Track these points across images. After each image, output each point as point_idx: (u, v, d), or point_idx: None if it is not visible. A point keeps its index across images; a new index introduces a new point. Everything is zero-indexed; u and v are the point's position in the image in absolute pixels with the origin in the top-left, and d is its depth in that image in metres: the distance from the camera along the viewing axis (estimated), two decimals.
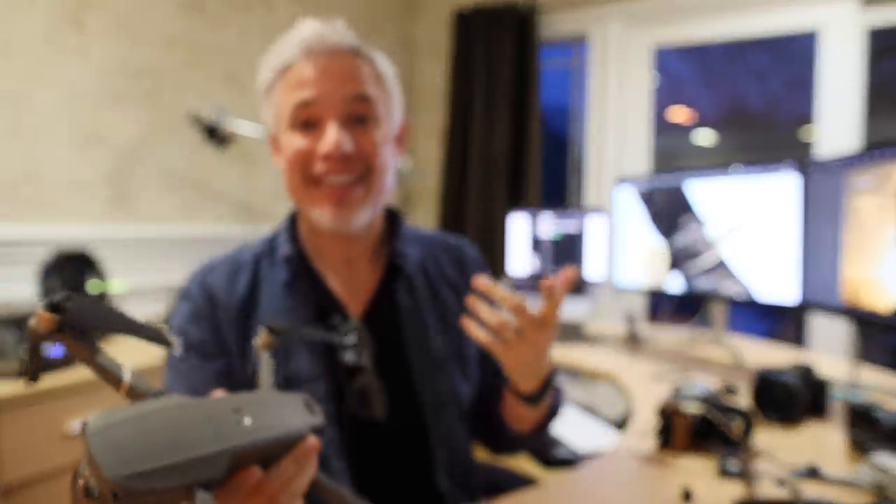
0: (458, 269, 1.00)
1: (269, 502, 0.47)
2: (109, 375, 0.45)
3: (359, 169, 0.82)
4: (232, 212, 2.51)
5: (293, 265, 0.87)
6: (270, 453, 0.47)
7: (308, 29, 0.84)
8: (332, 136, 0.79)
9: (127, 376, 0.45)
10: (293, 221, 0.93)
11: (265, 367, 0.58)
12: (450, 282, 0.97)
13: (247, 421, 0.45)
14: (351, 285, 0.90)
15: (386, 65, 0.88)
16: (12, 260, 1.78)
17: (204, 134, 2.14)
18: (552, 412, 0.94)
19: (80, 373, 1.44)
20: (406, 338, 0.89)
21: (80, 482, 0.38)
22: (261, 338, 0.58)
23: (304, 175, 0.82)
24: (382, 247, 0.94)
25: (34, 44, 1.83)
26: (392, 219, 0.96)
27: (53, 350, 1.42)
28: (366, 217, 0.85)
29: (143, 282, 2.06)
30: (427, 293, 0.93)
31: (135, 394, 0.45)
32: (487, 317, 0.75)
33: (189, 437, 0.40)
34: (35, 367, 0.42)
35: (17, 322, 1.42)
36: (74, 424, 1.39)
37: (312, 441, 0.49)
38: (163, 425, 0.39)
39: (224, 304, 0.86)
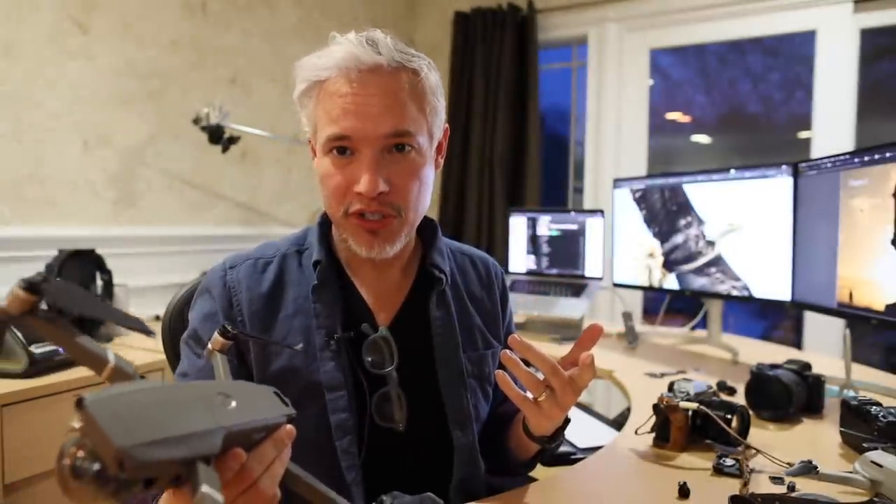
0: (485, 286, 0.99)
1: (251, 485, 0.49)
2: (92, 358, 0.44)
3: (393, 203, 0.80)
4: (235, 212, 2.53)
5: (323, 270, 0.86)
6: (254, 437, 0.49)
7: (344, 47, 0.77)
8: (366, 177, 0.76)
9: (111, 358, 0.45)
10: (325, 224, 0.91)
11: (221, 367, 0.59)
12: (476, 298, 0.97)
13: (233, 404, 0.46)
14: (381, 293, 0.89)
15: (430, 73, 0.83)
16: (18, 260, 1.79)
17: (208, 135, 2.15)
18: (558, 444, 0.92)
19: (83, 372, 1.45)
20: (436, 350, 0.88)
21: (66, 462, 0.36)
22: (214, 341, 0.59)
23: (340, 205, 0.80)
24: (415, 255, 0.93)
25: (39, 46, 1.85)
26: (427, 228, 0.94)
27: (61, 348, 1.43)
28: (399, 245, 0.83)
29: (147, 281, 2.08)
30: (457, 306, 0.92)
31: (119, 376, 0.45)
32: (523, 376, 0.75)
33: (186, 414, 0.40)
34: None
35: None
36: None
37: (290, 427, 0.51)
38: (160, 401, 0.39)
39: (246, 300, 0.85)
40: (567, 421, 0.84)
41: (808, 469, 0.82)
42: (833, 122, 2.61)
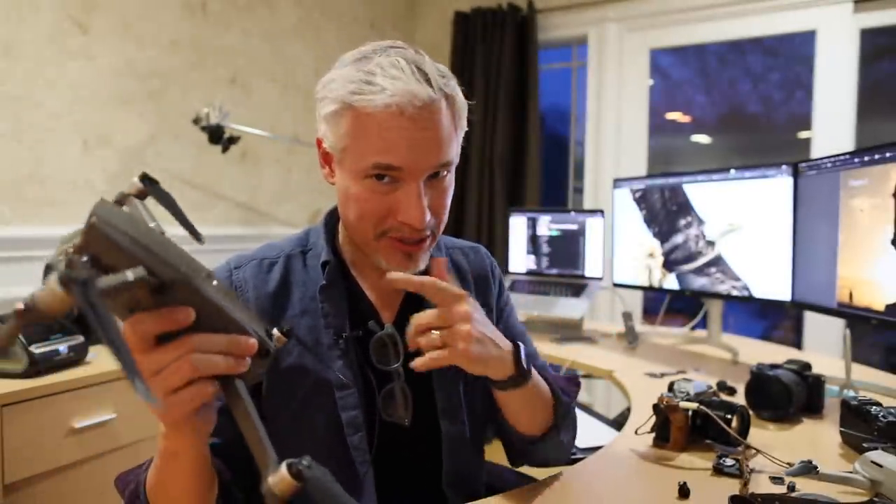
0: (478, 276, 1.00)
1: (184, 354, 0.49)
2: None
3: (431, 227, 0.81)
4: (235, 212, 2.53)
5: (331, 270, 0.87)
6: (213, 321, 0.49)
7: (401, 84, 0.74)
8: (416, 211, 0.77)
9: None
10: (330, 225, 0.92)
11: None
12: (471, 289, 0.98)
13: (214, 283, 0.48)
14: (384, 292, 0.91)
15: (459, 95, 0.83)
16: (18, 260, 1.79)
17: (208, 135, 2.15)
18: (558, 407, 0.90)
19: (84, 371, 1.45)
20: None
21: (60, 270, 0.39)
22: (278, 338, 0.59)
23: (376, 228, 0.80)
24: None
25: (39, 46, 1.85)
26: None
27: (61, 348, 1.44)
28: (426, 260, 0.84)
29: None
30: None
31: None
32: (422, 342, 0.74)
33: (167, 250, 0.45)
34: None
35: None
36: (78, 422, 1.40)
37: (252, 341, 0.50)
38: (155, 236, 0.45)
39: (253, 299, 0.86)
40: (519, 358, 0.80)
41: (808, 469, 0.82)
42: (833, 122, 2.61)
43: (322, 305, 0.86)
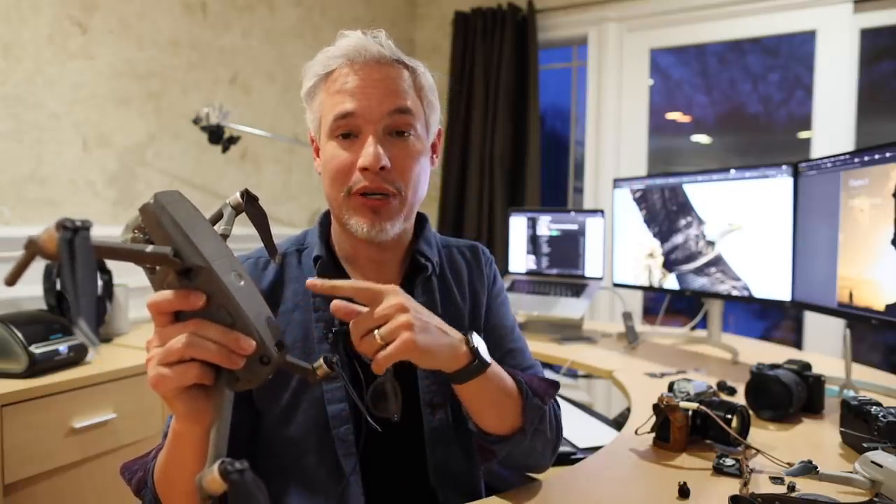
0: (474, 271, 1.01)
1: (178, 331, 0.52)
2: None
3: (395, 182, 0.84)
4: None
5: (323, 266, 0.89)
6: (224, 314, 0.51)
7: (351, 39, 0.85)
8: (370, 150, 0.81)
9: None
10: (325, 223, 0.95)
11: None
12: (465, 285, 0.98)
13: (241, 283, 0.52)
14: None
15: (427, 75, 0.90)
16: (17, 259, 1.79)
17: (208, 135, 2.15)
18: (527, 408, 0.83)
19: (84, 371, 1.45)
20: None
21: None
22: (319, 367, 0.60)
23: (343, 186, 0.84)
24: (410, 248, 0.96)
25: (39, 46, 1.85)
26: (417, 221, 0.97)
27: (61, 348, 1.44)
28: (399, 227, 0.86)
29: (147, 281, 2.08)
30: (442, 294, 0.94)
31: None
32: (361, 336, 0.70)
33: (204, 241, 0.50)
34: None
35: (23, 321, 1.43)
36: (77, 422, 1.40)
37: (250, 343, 0.51)
38: (201, 228, 0.51)
39: None
40: (472, 348, 0.74)
41: (808, 469, 0.82)
42: (833, 122, 2.61)
43: (313, 300, 0.87)
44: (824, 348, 2.50)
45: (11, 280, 0.44)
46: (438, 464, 0.89)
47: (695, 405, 0.99)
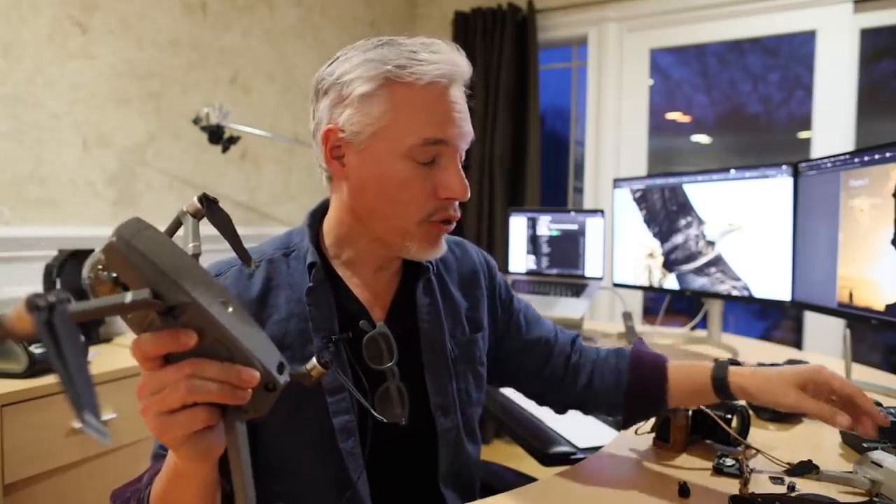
0: (465, 269, 0.99)
1: (182, 377, 0.48)
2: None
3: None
4: (235, 213, 2.53)
5: (317, 272, 0.84)
6: (220, 348, 0.48)
7: (449, 55, 0.78)
8: (461, 180, 0.79)
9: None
10: (313, 227, 0.89)
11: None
12: (459, 283, 0.97)
13: (229, 309, 0.47)
14: (374, 290, 0.89)
15: None
16: (18, 260, 1.79)
17: (208, 135, 2.15)
18: None
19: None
20: (421, 335, 0.88)
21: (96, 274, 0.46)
22: (314, 367, 0.57)
23: (420, 212, 0.79)
24: None
25: (39, 46, 1.85)
26: None
27: None
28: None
29: None
30: (442, 293, 0.93)
31: None
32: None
33: (183, 274, 0.45)
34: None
35: None
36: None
37: (253, 374, 0.48)
38: (177, 259, 0.46)
39: None
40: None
41: (809, 469, 0.82)
42: (833, 122, 2.61)
43: (309, 307, 0.83)
44: (824, 348, 2.50)
45: None
46: (450, 466, 0.88)
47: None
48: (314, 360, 0.56)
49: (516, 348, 1.02)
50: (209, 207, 0.58)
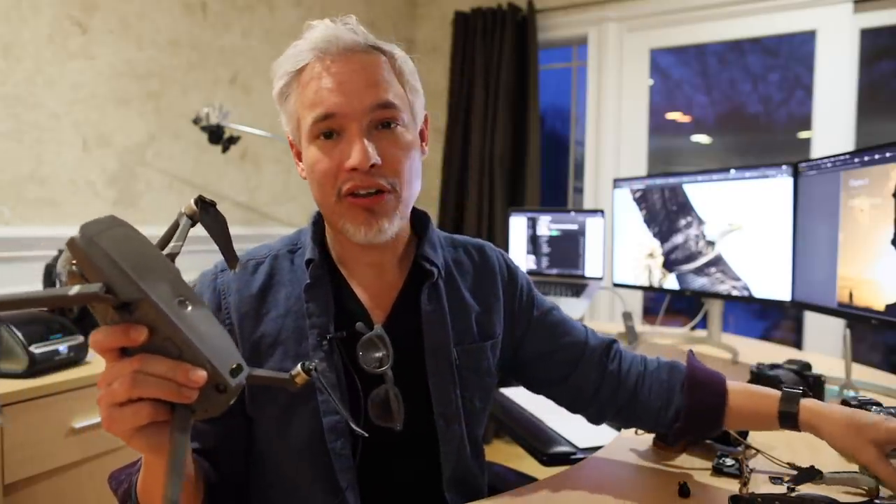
0: (482, 274, 0.95)
1: (124, 370, 0.48)
2: None
3: (386, 177, 0.78)
4: (235, 213, 2.53)
5: (316, 269, 0.83)
6: (170, 345, 0.47)
7: (320, 29, 0.79)
8: (357, 148, 0.75)
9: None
10: (317, 224, 0.89)
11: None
12: (473, 288, 0.93)
13: (188, 308, 0.48)
14: (376, 291, 0.87)
15: (404, 58, 0.84)
16: (18, 260, 1.79)
17: (208, 135, 2.15)
18: None
19: (84, 371, 1.45)
20: (424, 341, 0.85)
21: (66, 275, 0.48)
22: (298, 375, 0.55)
23: (332, 189, 0.78)
24: (409, 250, 0.90)
25: (39, 46, 1.85)
26: (419, 220, 0.92)
27: (61, 348, 1.44)
28: (396, 226, 0.81)
29: None
30: (450, 298, 0.89)
31: None
32: None
33: (143, 271, 0.46)
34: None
35: (23, 321, 1.43)
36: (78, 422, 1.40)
37: (200, 374, 0.47)
38: (140, 257, 0.47)
39: (235, 303, 0.83)
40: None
41: (813, 476, 0.81)
42: (833, 122, 2.61)
43: (307, 305, 0.82)
44: (824, 348, 2.50)
45: None
46: (455, 474, 0.87)
47: None
48: (299, 366, 0.55)
49: (538, 354, 0.97)
50: (204, 209, 0.58)
